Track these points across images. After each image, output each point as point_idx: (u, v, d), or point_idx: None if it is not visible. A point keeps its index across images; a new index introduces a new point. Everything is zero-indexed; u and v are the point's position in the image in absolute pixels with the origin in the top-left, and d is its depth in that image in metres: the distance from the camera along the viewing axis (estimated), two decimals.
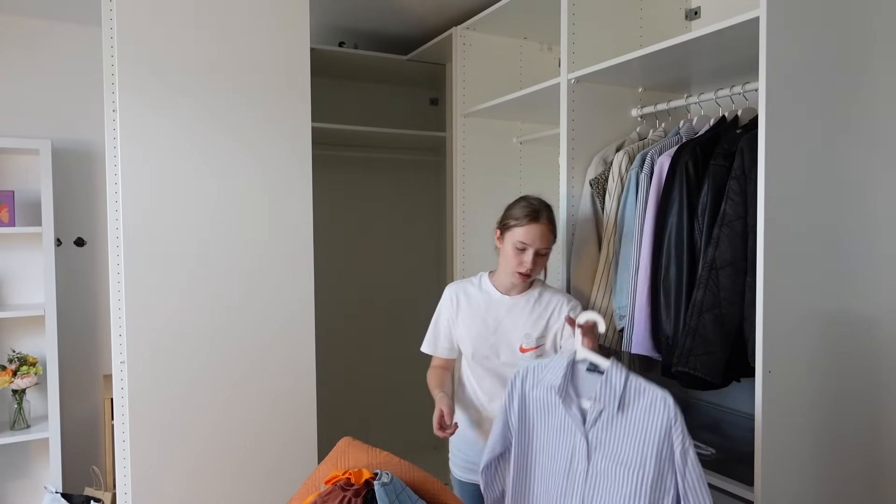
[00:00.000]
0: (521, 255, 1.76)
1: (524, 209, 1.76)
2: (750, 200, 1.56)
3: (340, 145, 3.30)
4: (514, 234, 1.76)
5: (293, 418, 2.31)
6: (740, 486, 1.50)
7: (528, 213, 1.75)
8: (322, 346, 2.53)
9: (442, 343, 1.92)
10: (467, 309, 1.87)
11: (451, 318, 1.89)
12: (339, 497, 1.41)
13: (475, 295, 1.88)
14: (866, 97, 1.59)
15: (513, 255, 1.76)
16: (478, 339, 1.83)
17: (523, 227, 1.74)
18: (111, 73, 2.13)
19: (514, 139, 2.84)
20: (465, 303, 1.88)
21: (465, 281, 1.94)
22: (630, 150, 1.97)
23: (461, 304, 1.88)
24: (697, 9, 2.22)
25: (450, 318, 1.90)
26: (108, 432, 2.76)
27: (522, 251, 1.75)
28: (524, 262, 1.74)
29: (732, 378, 1.68)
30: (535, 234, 1.73)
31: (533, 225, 1.73)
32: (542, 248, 1.75)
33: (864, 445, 1.61)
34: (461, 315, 1.87)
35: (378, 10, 2.87)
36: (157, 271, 2.09)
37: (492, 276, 1.89)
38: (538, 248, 1.74)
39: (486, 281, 1.89)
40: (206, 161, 2.16)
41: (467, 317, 1.86)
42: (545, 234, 1.75)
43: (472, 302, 1.87)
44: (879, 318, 1.61)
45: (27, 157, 2.88)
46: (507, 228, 1.78)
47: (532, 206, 1.76)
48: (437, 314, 1.94)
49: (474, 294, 1.88)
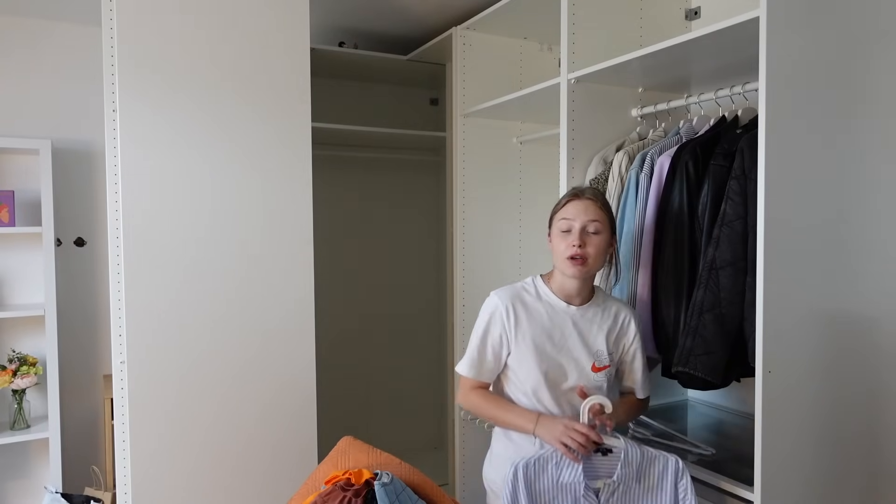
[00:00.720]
0: (568, 236, 1.54)
1: (566, 194, 1.62)
2: (750, 200, 1.56)
3: (340, 145, 3.30)
4: (558, 218, 1.58)
5: (293, 419, 2.31)
6: (740, 486, 1.50)
7: (570, 193, 1.60)
8: (322, 346, 2.53)
9: (489, 365, 1.62)
10: (528, 323, 1.58)
11: (506, 335, 1.59)
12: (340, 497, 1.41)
13: (534, 306, 1.60)
14: (866, 97, 1.59)
15: (560, 240, 1.55)
16: (544, 360, 1.57)
17: (564, 206, 1.58)
18: (111, 73, 2.13)
19: (514, 139, 2.84)
20: (524, 315, 1.59)
21: (516, 287, 1.64)
22: (630, 150, 1.97)
23: (520, 318, 1.58)
24: (697, 9, 2.22)
25: (505, 335, 1.59)
26: (108, 432, 2.76)
27: (568, 231, 1.54)
28: (572, 242, 1.52)
29: (732, 378, 1.68)
30: (579, 207, 1.54)
31: (575, 200, 1.56)
32: (590, 224, 1.53)
33: (865, 445, 1.61)
34: (521, 331, 1.58)
35: (378, 10, 2.87)
36: (157, 271, 2.09)
37: (547, 280, 1.64)
38: (585, 224, 1.53)
39: (543, 286, 1.63)
40: (207, 161, 2.16)
41: (529, 332, 1.58)
42: (590, 208, 1.54)
43: (533, 314, 1.59)
44: (880, 318, 1.61)
45: (27, 157, 2.88)
46: (552, 220, 1.60)
47: (574, 189, 1.62)
48: (483, 330, 1.61)
49: (533, 304, 1.60)
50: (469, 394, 1.64)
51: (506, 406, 1.60)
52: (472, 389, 1.64)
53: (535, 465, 1.46)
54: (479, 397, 1.62)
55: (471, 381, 1.64)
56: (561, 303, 1.60)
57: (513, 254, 2.84)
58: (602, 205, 1.57)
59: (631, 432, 1.88)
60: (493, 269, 2.71)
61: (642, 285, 1.81)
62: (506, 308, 1.59)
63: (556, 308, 1.60)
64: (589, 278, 1.61)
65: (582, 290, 1.60)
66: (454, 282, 2.76)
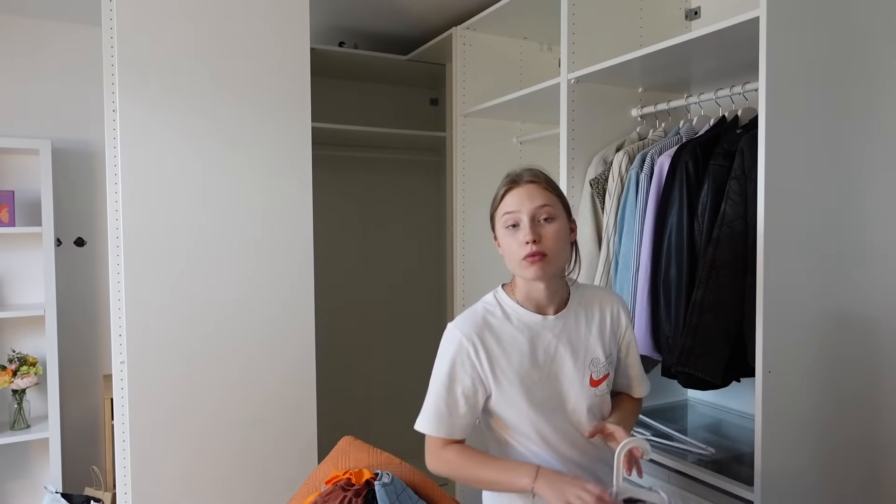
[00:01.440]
0: (517, 232, 1.27)
1: (502, 183, 1.34)
2: (750, 200, 1.56)
3: (340, 145, 3.30)
4: (500, 213, 1.31)
5: (293, 419, 2.31)
6: (740, 486, 1.50)
7: (505, 181, 1.32)
8: (322, 346, 2.53)
9: (462, 419, 1.30)
10: (503, 356, 1.29)
11: (479, 379, 1.29)
12: (340, 497, 1.41)
13: (505, 330, 1.31)
14: (866, 97, 1.59)
15: (510, 239, 1.28)
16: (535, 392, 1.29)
17: (503, 198, 1.31)
18: (111, 73, 2.13)
19: (514, 139, 2.84)
20: (496, 348, 1.29)
21: (477, 313, 1.33)
22: (630, 150, 1.97)
23: (492, 352, 1.29)
24: (697, 9, 2.22)
25: (478, 379, 1.29)
26: (108, 432, 2.76)
27: (516, 227, 1.28)
28: (524, 239, 1.25)
29: (732, 378, 1.68)
30: (521, 195, 1.28)
31: (514, 189, 1.29)
32: (539, 211, 1.26)
33: (865, 445, 1.61)
34: (497, 368, 1.28)
35: (378, 10, 2.87)
36: (157, 271, 2.09)
37: (510, 292, 1.36)
38: (533, 213, 1.26)
39: (508, 301, 1.34)
40: (206, 161, 2.16)
41: (507, 367, 1.28)
42: (535, 192, 1.27)
43: (507, 342, 1.30)
44: (880, 318, 1.61)
45: (27, 157, 2.88)
46: (494, 219, 1.35)
47: (508, 175, 1.33)
48: (447, 377, 1.29)
49: (503, 329, 1.31)
50: (441, 453, 1.29)
51: (491, 461, 1.27)
52: (445, 447, 1.30)
53: None
54: (455, 454, 1.28)
55: (440, 440, 1.30)
56: (535, 316, 1.32)
57: None
58: (548, 185, 1.30)
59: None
60: (493, 269, 2.71)
61: (642, 285, 1.81)
62: (472, 345, 1.28)
63: (532, 324, 1.31)
64: (556, 276, 1.32)
65: (553, 293, 1.33)
66: (454, 281, 2.76)
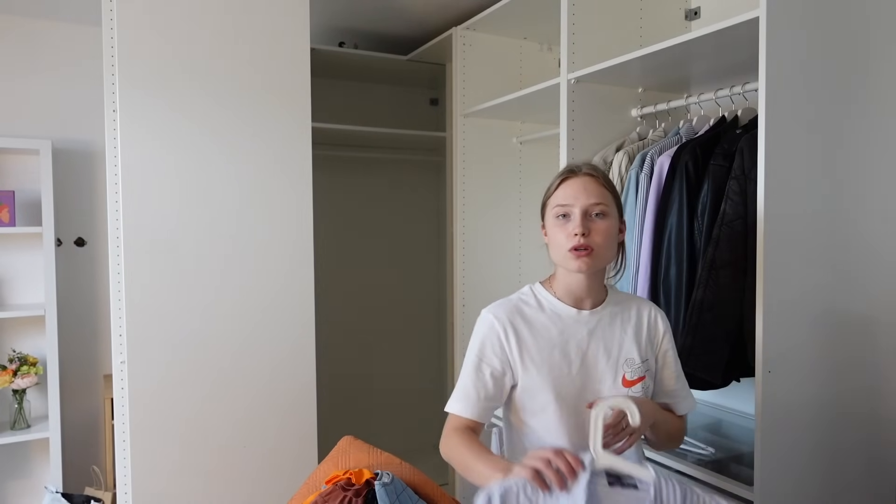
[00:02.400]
0: (566, 223, 1.26)
1: (559, 173, 1.33)
2: (750, 200, 1.56)
3: (340, 145, 3.30)
4: (552, 204, 1.30)
5: (294, 418, 2.31)
6: (740, 486, 1.50)
7: (563, 171, 1.32)
8: (322, 346, 2.53)
9: (486, 402, 1.28)
10: (533, 341, 1.28)
11: (507, 362, 1.28)
12: (340, 497, 1.41)
13: (537, 319, 1.31)
14: (866, 97, 1.59)
15: (558, 230, 1.27)
16: (562, 385, 1.27)
17: (557, 188, 1.30)
18: (111, 73, 2.13)
19: (514, 139, 2.84)
20: (527, 333, 1.29)
21: (512, 300, 1.34)
22: (630, 150, 1.97)
23: (523, 337, 1.28)
24: (697, 9, 2.22)
25: (506, 363, 1.28)
26: (108, 432, 2.76)
27: (566, 218, 1.27)
28: (573, 231, 1.24)
29: (732, 378, 1.68)
30: (577, 187, 1.27)
31: (570, 179, 1.29)
32: (593, 207, 1.26)
33: (865, 445, 1.61)
34: (526, 353, 1.28)
35: (378, 10, 2.87)
36: (157, 271, 2.09)
37: (548, 286, 1.35)
38: (587, 207, 1.25)
39: (545, 292, 1.34)
40: (206, 161, 2.16)
41: (536, 353, 1.28)
42: (591, 186, 1.27)
43: (538, 329, 1.29)
44: (880, 318, 1.61)
45: (27, 157, 2.88)
46: (545, 208, 1.33)
47: (568, 165, 1.34)
48: (477, 356, 1.30)
49: (536, 317, 1.31)
50: (451, 434, 1.27)
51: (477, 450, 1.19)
52: (454, 430, 1.27)
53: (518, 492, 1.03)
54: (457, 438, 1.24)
55: (458, 420, 1.29)
56: (570, 309, 1.31)
57: (513, 254, 2.84)
58: (605, 182, 1.29)
59: None
60: (493, 269, 2.71)
61: (642, 285, 1.81)
62: (503, 328, 1.29)
63: (565, 317, 1.30)
64: (599, 273, 1.32)
65: (592, 289, 1.31)
66: (454, 281, 2.76)
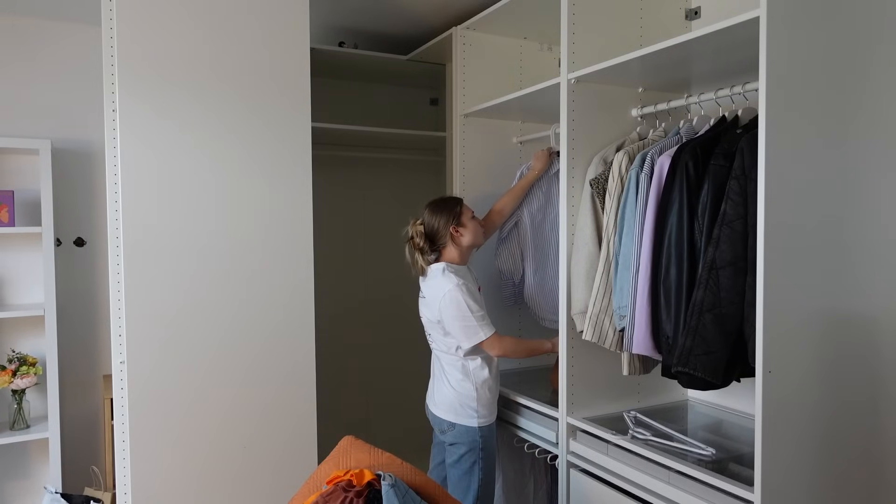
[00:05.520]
0: (476, 220, 2.30)
1: (458, 200, 2.29)
2: (750, 200, 1.56)
3: (340, 145, 3.30)
4: (467, 214, 2.25)
5: (293, 418, 2.32)
6: (740, 487, 1.50)
7: (458, 199, 2.30)
8: (322, 346, 2.53)
9: (488, 318, 2.16)
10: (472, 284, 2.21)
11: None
12: (341, 497, 1.41)
13: (468, 275, 2.23)
14: (867, 97, 1.59)
15: (476, 223, 2.26)
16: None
17: (464, 206, 2.29)
18: (111, 73, 2.13)
19: (514, 139, 2.84)
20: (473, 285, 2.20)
21: (452, 274, 2.18)
22: (630, 150, 1.97)
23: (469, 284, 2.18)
24: (697, 9, 2.22)
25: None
26: (108, 432, 2.76)
27: (474, 217, 2.29)
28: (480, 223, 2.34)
29: (732, 378, 1.68)
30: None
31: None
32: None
33: (865, 445, 1.61)
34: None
35: (378, 10, 2.87)
36: (156, 271, 2.09)
37: (454, 262, 2.23)
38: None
39: (457, 266, 2.22)
40: (206, 160, 2.16)
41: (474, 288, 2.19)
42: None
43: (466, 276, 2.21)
44: (880, 318, 1.61)
45: (27, 157, 2.88)
46: (462, 217, 2.24)
47: (458, 196, 2.36)
48: (471, 302, 2.11)
49: (467, 275, 2.22)
50: (502, 341, 2.13)
51: (528, 340, 2.24)
52: (501, 339, 2.13)
53: None
54: (509, 340, 2.17)
55: (496, 335, 2.11)
56: (464, 268, 2.29)
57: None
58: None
59: (631, 432, 1.88)
60: (493, 269, 2.70)
61: (642, 285, 1.81)
62: (465, 282, 2.15)
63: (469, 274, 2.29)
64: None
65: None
66: None
